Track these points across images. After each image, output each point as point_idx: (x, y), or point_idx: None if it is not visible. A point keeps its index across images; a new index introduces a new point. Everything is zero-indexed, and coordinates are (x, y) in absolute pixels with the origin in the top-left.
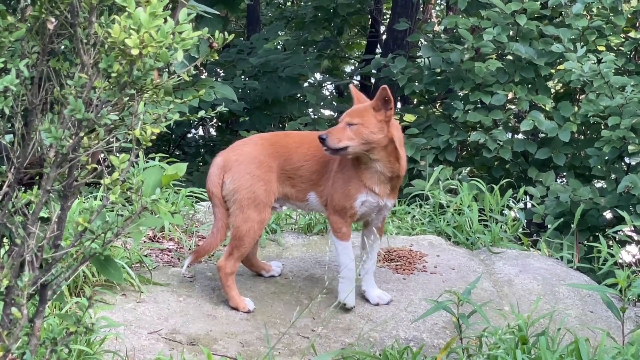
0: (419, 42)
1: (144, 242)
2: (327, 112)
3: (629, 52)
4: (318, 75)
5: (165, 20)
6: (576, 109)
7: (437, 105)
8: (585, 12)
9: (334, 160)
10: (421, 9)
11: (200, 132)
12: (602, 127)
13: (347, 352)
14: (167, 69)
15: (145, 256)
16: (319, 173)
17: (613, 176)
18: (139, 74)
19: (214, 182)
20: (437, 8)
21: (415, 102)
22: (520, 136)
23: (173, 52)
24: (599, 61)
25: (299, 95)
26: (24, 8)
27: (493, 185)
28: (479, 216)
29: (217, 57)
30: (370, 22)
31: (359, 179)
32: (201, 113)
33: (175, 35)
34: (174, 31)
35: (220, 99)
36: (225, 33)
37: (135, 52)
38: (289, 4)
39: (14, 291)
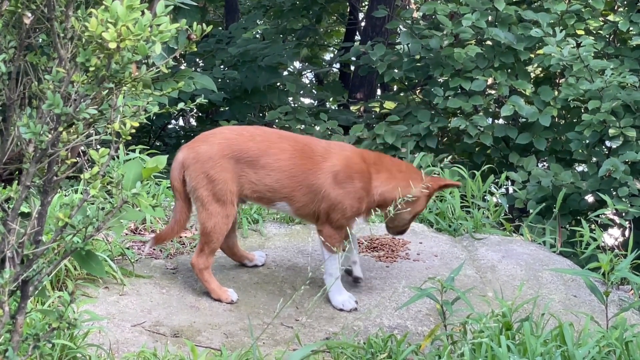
0: (398, 29)
1: (126, 234)
2: (307, 101)
3: (607, 36)
4: (297, 64)
5: (143, 13)
6: (556, 93)
7: (417, 92)
8: None
9: (317, 177)
10: None
11: (181, 122)
12: (583, 111)
13: (332, 343)
14: (145, 62)
15: (127, 249)
16: (290, 188)
17: (594, 160)
18: (117, 68)
19: (175, 177)
20: None
21: (395, 89)
22: (501, 121)
23: (151, 45)
24: (578, 45)
25: (278, 84)
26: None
27: (474, 171)
28: (461, 202)
29: (195, 49)
30: (348, 10)
31: (369, 195)
32: (180, 105)
33: (153, 28)
34: (152, 24)
35: (199, 90)
36: (204, 24)
37: (112, 45)
38: None
39: None
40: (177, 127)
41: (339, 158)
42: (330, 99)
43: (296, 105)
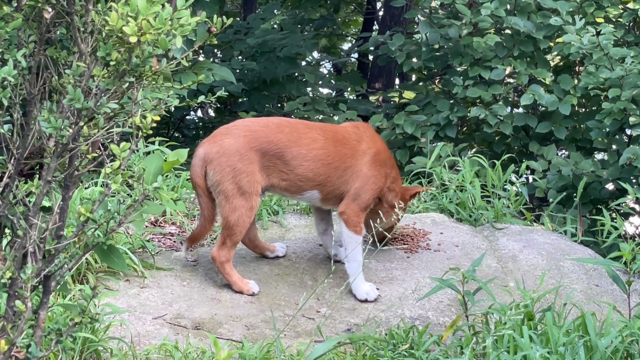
0: (416, 18)
1: (146, 226)
2: (325, 91)
3: (627, 23)
4: (316, 54)
5: (163, 6)
6: (576, 81)
7: (436, 81)
8: None
9: (355, 158)
10: None
11: (199, 113)
12: (603, 100)
13: (355, 336)
14: (165, 55)
15: (148, 241)
16: (326, 175)
17: (614, 148)
18: (137, 62)
19: (197, 173)
20: None
21: (414, 79)
22: (521, 110)
23: (172, 39)
24: (598, 33)
25: (297, 74)
26: None
27: (494, 160)
28: (482, 192)
29: (215, 41)
30: None
31: (384, 182)
32: (201, 98)
33: (174, 22)
34: (172, 17)
35: (218, 81)
36: (224, 17)
37: (133, 39)
38: None
39: (17, 283)
40: (195, 119)
41: (373, 140)
42: (349, 89)
43: (315, 95)
